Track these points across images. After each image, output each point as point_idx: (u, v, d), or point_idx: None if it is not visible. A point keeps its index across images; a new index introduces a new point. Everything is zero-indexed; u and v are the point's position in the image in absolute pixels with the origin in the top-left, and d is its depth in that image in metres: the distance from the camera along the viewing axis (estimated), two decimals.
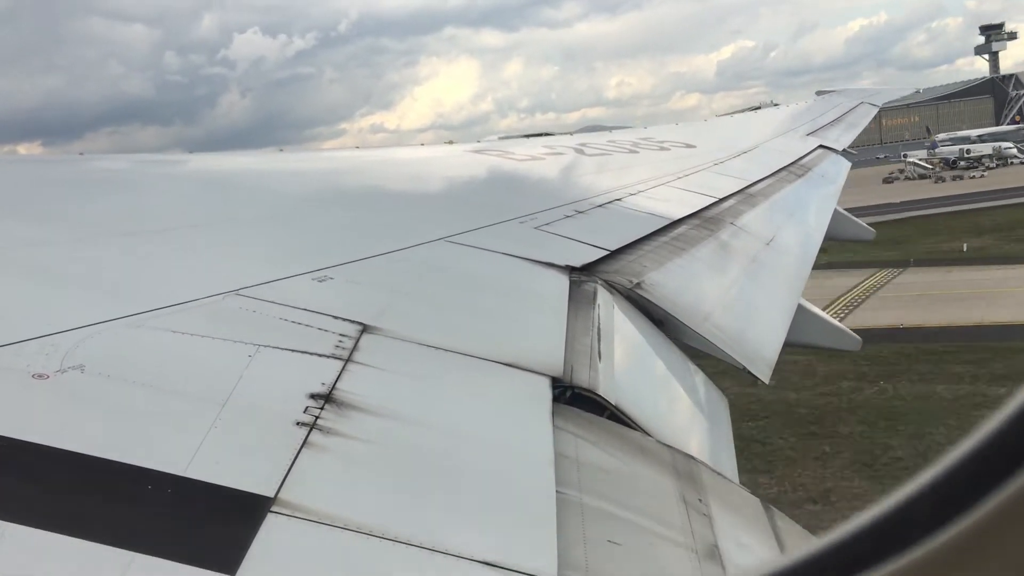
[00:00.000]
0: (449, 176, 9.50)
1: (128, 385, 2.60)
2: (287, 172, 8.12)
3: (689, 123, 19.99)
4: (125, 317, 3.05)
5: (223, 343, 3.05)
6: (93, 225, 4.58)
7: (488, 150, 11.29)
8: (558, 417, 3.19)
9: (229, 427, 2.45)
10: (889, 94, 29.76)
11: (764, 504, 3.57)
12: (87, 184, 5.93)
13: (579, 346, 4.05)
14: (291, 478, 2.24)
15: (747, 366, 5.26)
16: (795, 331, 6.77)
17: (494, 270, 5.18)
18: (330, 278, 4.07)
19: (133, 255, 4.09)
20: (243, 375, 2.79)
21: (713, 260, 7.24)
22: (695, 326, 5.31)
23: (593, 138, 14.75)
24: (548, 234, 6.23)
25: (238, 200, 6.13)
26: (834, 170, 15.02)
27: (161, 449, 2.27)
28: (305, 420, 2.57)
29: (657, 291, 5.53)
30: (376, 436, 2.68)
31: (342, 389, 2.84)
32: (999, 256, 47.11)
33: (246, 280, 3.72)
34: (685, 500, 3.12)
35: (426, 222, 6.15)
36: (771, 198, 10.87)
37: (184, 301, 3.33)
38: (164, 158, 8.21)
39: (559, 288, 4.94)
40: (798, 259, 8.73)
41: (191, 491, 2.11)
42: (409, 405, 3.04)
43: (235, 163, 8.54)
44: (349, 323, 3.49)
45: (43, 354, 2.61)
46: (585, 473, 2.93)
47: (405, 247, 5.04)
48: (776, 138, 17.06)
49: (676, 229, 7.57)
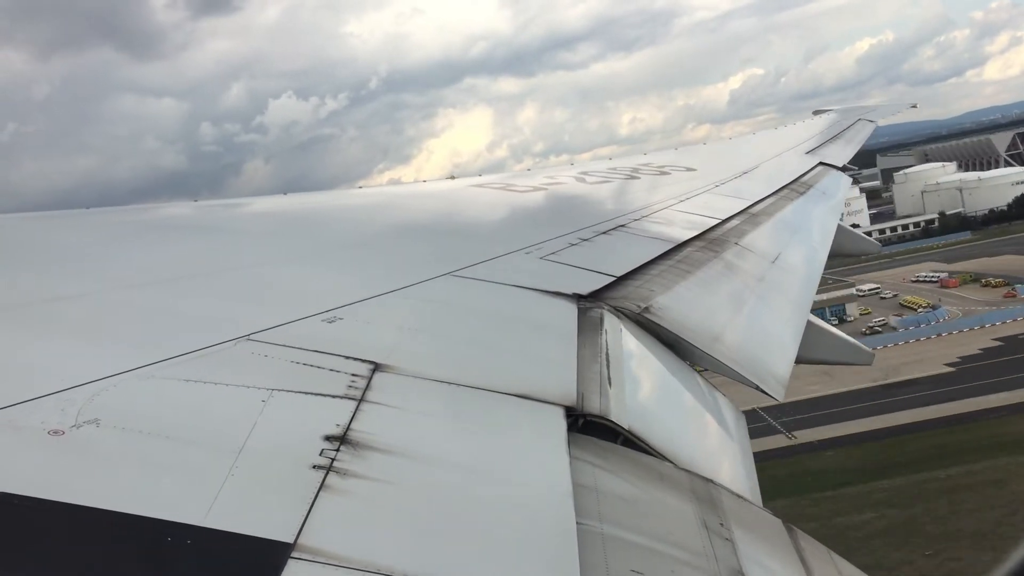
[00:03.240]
0: (453, 210, 9.55)
1: (143, 437, 2.60)
2: (290, 214, 8.17)
3: (689, 147, 20.06)
4: (138, 368, 3.06)
5: (236, 389, 3.05)
6: (102, 278, 4.61)
7: (490, 183, 11.35)
8: (574, 446, 3.18)
9: (245, 474, 2.44)
10: (886, 111, 29.86)
11: (787, 525, 3.54)
12: (93, 238, 5.98)
13: (589, 373, 4.04)
14: (310, 523, 2.23)
15: (760, 385, 5.24)
16: (806, 347, 6.75)
17: (502, 302, 5.19)
18: (340, 318, 4.09)
19: (143, 305, 4.11)
20: (257, 421, 2.79)
21: (720, 281, 7.24)
22: (705, 347, 5.30)
23: (593, 166, 14.82)
24: (554, 263, 6.25)
25: (243, 245, 6.17)
26: (835, 186, 15.04)
27: (178, 500, 2.27)
28: (321, 463, 2.56)
29: (666, 314, 5.53)
30: (393, 476, 2.67)
31: (357, 430, 2.84)
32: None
33: (257, 325, 3.73)
34: (706, 525, 3.10)
35: (432, 257, 6.18)
36: (774, 216, 10.88)
37: (196, 349, 3.35)
38: (168, 207, 8.27)
39: (568, 317, 4.94)
40: (805, 275, 8.72)
41: (210, 541, 2.10)
42: (424, 442, 3.03)
43: (238, 208, 8.60)
44: (361, 362, 3.49)
45: (58, 410, 2.62)
46: (604, 502, 2.91)
47: (412, 283, 5.06)
48: (775, 157, 17.12)
49: (681, 252, 7.58)
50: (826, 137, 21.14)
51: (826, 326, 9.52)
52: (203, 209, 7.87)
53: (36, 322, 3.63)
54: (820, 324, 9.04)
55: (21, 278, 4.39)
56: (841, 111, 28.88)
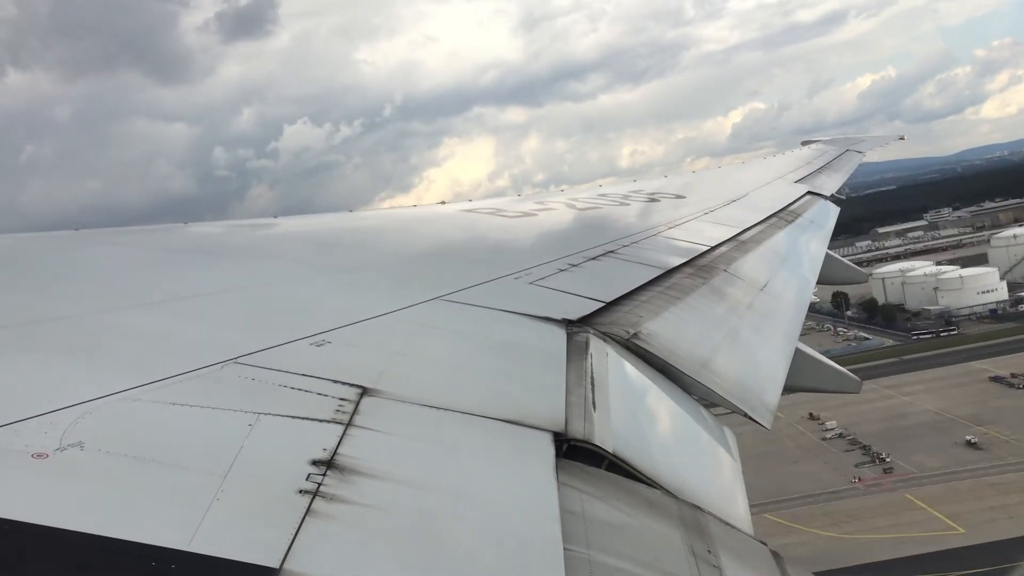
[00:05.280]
0: (442, 235, 9.57)
1: (128, 460, 2.58)
2: (278, 237, 8.18)
3: (679, 174, 20.20)
4: (124, 391, 3.04)
5: (223, 413, 3.04)
6: (88, 299, 4.59)
7: (480, 208, 11.40)
8: (562, 472, 3.17)
9: (231, 498, 2.43)
10: (874, 142, 30.27)
11: (773, 552, 3.53)
12: (80, 259, 5.96)
13: (574, 398, 4.04)
14: (296, 547, 2.22)
15: (748, 412, 5.25)
16: (794, 375, 6.77)
17: (491, 327, 5.19)
18: (328, 342, 4.08)
19: (130, 327, 4.09)
20: (244, 444, 2.77)
21: (709, 307, 7.26)
22: (694, 374, 5.31)
23: (583, 192, 14.91)
24: (543, 288, 6.26)
25: (231, 267, 6.17)
26: (824, 215, 15.18)
27: (163, 524, 2.25)
28: (308, 488, 2.55)
29: (655, 341, 5.54)
30: (380, 500, 2.66)
31: (344, 454, 2.83)
32: None
33: (244, 348, 3.72)
34: (694, 552, 3.09)
35: (421, 282, 6.18)
36: (763, 244, 10.95)
37: (182, 372, 3.33)
38: (157, 229, 8.26)
39: (556, 342, 4.94)
40: (793, 303, 8.76)
41: (195, 565, 2.08)
42: (411, 467, 3.02)
43: (226, 230, 8.60)
44: (348, 387, 3.48)
45: (42, 433, 2.60)
46: (592, 528, 2.90)
47: (401, 308, 5.06)
48: (765, 186, 17.26)
49: (671, 278, 7.61)
50: (815, 167, 21.37)
51: (815, 354, 9.55)
52: (191, 231, 7.86)
53: (21, 343, 3.61)
54: (809, 352, 9.07)
55: (6, 299, 4.37)
56: (829, 142, 29.27)
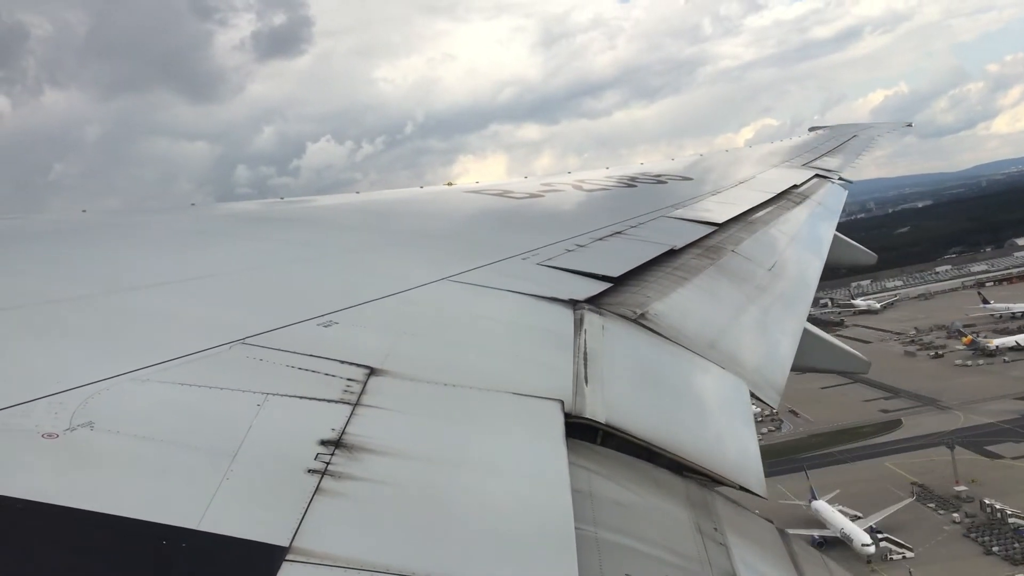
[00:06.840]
0: (450, 216, 9.56)
1: (138, 440, 2.60)
2: (285, 218, 8.17)
3: (685, 157, 20.13)
4: (133, 371, 3.06)
5: (231, 393, 3.05)
6: (97, 281, 4.60)
7: (487, 190, 11.37)
8: (569, 451, 3.18)
9: (240, 478, 2.44)
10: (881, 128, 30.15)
11: (780, 530, 3.55)
12: (89, 241, 5.97)
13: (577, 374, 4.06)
14: (305, 526, 2.23)
15: (755, 392, 5.25)
16: (802, 355, 6.76)
17: (498, 307, 5.19)
18: (335, 323, 4.08)
19: (138, 309, 4.11)
20: (252, 424, 2.79)
21: (716, 287, 7.25)
22: (701, 354, 5.31)
23: (591, 174, 14.85)
24: (550, 269, 6.25)
25: (238, 249, 6.17)
26: (831, 197, 15.10)
27: (173, 503, 2.26)
28: (316, 467, 2.56)
29: (662, 320, 5.53)
30: (389, 478, 2.67)
31: (352, 433, 2.84)
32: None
33: (252, 329, 3.73)
34: (701, 530, 3.10)
35: (429, 262, 6.18)
36: (771, 224, 10.91)
37: (190, 353, 3.34)
38: (164, 212, 8.26)
39: (563, 322, 4.94)
40: (801, 283, 8.73)
41: (205, 544, 2.10)
42: (420, 444, 3.03)
43: (232, 212, 8.60)
44: (356, 367, 3.49)
45: (52, 413, 2.61)
46: (598, 507, 2.91)
47: (409, 288, 5.06)
48: (772, 169, 17.17)
49: (678, 259, 7.60)
50: (822, 151, 21.26)
51: (823, 334, 9.52)
52: (198, 213, 7.87)
53: (30, 325, 3.62)
54: (816, 332, 9.04)
55: (15, 281, 4.39)
56: (837, 127, 29.19)
